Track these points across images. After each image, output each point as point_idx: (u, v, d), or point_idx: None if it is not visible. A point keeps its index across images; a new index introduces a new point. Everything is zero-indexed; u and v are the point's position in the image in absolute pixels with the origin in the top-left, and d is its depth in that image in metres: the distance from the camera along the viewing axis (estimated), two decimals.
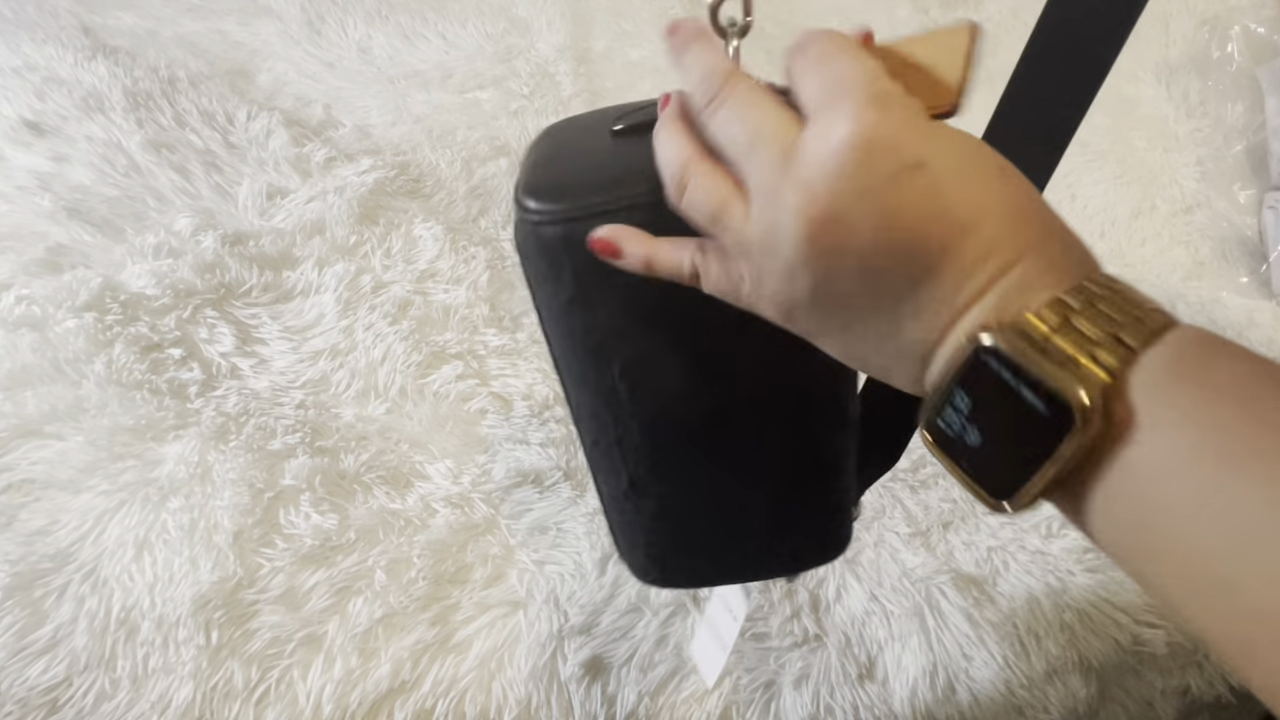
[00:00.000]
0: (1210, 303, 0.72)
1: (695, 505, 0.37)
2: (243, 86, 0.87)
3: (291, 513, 0.57)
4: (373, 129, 0.84)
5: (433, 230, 0.73)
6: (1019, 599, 0.55)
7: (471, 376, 0.65)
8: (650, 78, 0.90)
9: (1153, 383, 0.21)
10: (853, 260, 0.24)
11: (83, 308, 0.64)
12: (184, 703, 0.50)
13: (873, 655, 0.53)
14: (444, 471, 0.60)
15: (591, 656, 0.52)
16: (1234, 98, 0.86)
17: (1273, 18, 0.88)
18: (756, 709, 0.51)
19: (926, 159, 0.24)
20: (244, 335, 0.66)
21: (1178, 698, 0.53)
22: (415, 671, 0.52)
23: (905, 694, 0.51)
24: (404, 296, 0.69)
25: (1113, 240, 0.78)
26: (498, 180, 0.80)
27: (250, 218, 0.73)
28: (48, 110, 0.79)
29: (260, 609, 0.53)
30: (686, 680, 0.52)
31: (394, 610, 0.53)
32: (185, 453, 0.58)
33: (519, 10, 0.98)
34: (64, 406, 0.60)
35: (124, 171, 0.75)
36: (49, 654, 0.51)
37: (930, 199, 0.24)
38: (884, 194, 0.23)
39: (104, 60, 0.84)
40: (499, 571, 0.56)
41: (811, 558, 0.41)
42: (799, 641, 0.53)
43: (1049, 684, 0.51)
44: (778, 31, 0.95)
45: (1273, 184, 0.79)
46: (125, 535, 0.55)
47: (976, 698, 0.51)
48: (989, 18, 0.97)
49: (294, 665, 0.51)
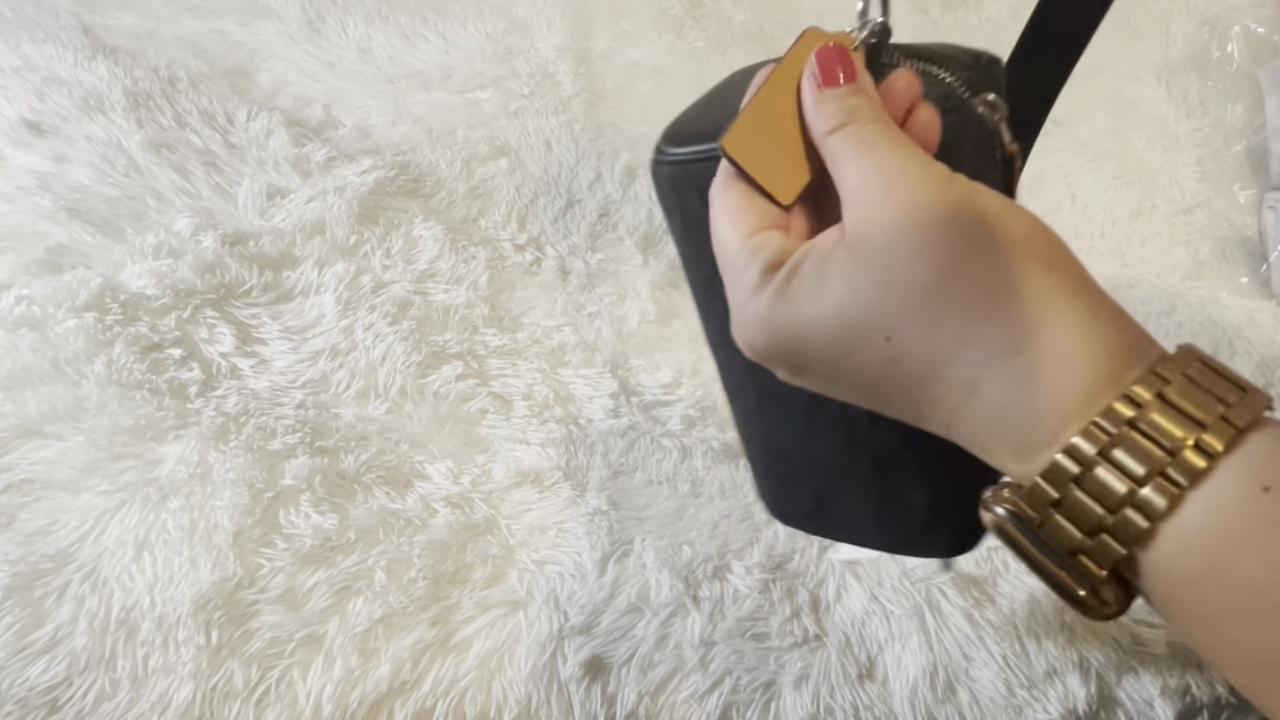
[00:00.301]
0: (1210, 303, 0.72)
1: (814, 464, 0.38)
2: (243, 86, 0.87)
3: (291, 513, 0.57)
4: (373, 129, 0.84)
5: (433, 230, 0.73)
6: (1019, 599, 0.55)
7: (471, 376, 0.65)
8: (650, 78, 0.90)
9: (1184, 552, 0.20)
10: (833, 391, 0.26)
11: (83, 308, 0.64)
12: (184, 703, 0.50)
13: (873, 655, 0.53)
14: (444, 471, 0.60)
15: (591, 656, 0.52)
16: (1234, 98, 0.86)
17: (1273, 18, 0.88)
18: (756, 709, 0.51)
19: (805, 363, 0.25)
20: (244, 335, 0.66)
21: (1178, 698, 0.52)
22: (415, 671, 0.52)
23: (905, 694, 0.51)
24: (404, 296, 0.69)
25: (1113, 240, 0.78)
26: (498, 180, 0.80)
27: (250, 218, 0.73)
28: (48, 110, 0.79)
29: (260, 609, 0.53)
30: (686, 680, 0.52)
31: (394, 610, 0.53)
32: (185, 453, 0.58)
33: (519, 10, 0.98)
34: (64, 406, 0.60)
35: (124, 171, 0.75)
36: (49, 654, 0.51)
37: (836, 379, 0.25)
38: (803, 378, 0.25)
39: (104, 60, 0.84)
40: (499, 571, 0.56)
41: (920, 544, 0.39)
42: (799, 641, 0.53)
43: (1049, 684, 0.51)
44: (778, 31, 0.95)
45: (1273, 184, 0.79)
46: (125, 535, 0.55)
47: (976, 698, 0.51)
48: (989, 18, 0.97)
49: (294, 665, 0.51)
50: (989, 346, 0.22)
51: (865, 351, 0.23)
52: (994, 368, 0.22)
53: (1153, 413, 0.20)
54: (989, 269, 0.22)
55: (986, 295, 0.22)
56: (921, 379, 0.23)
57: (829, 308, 0.23)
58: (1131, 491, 0.20)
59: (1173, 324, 0.69)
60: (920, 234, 0.22)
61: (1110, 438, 0.20)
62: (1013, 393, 0.22)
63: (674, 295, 0.73)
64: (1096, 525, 0.20)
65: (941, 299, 0.22)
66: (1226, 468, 0.19)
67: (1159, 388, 0.20)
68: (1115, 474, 0.20)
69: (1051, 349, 0.21)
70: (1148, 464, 0.20)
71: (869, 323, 0.23)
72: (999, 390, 0.22)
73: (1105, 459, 0.20)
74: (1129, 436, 0.20)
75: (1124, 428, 0.20)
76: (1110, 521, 0.20)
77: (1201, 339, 0.69)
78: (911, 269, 0.22)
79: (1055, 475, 0.21)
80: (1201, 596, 0.20)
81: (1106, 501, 0.20)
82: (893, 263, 0.22)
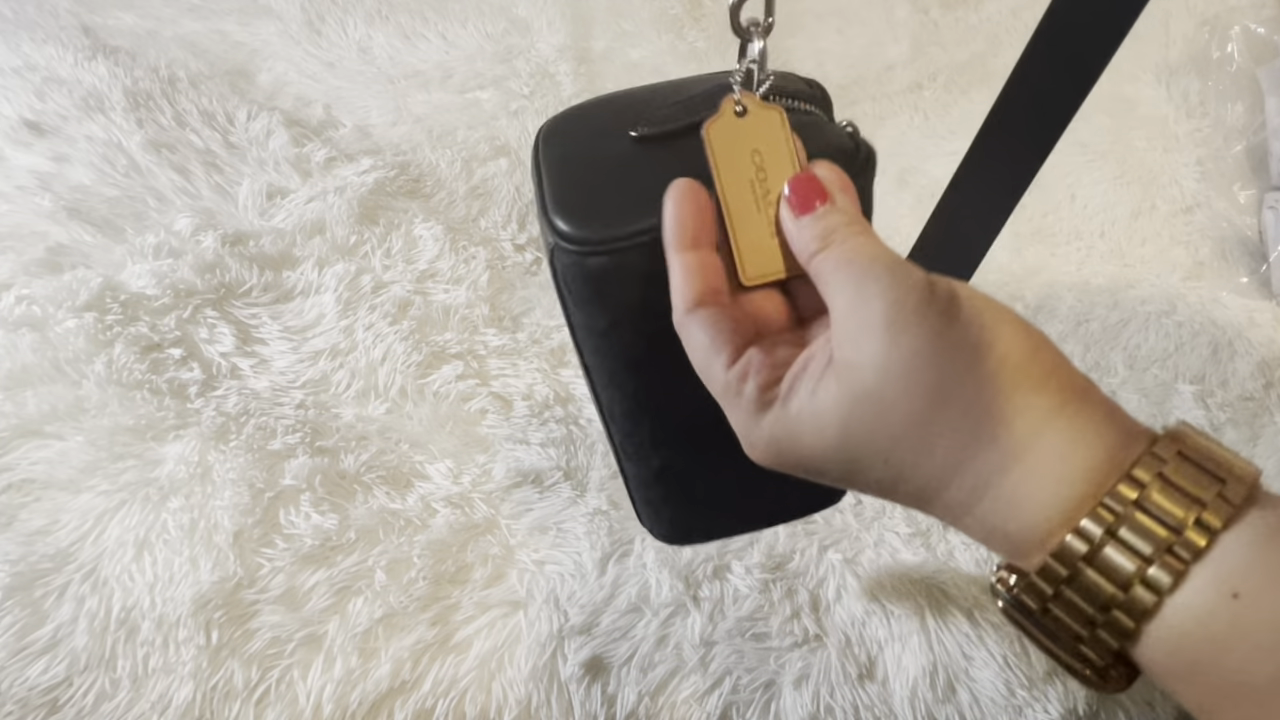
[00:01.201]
0: (1210, 303, 0.72)
1: (719, 475, 0.39)
2: (243, 86, 0.87)
3: (291, 513, 0.57)
4: (373, 129, 0.84)
5: (433, 230, 0.73)
6: None
7: (471, 376, 0.65)
8: (650, 78, 0.90)
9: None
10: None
11: (83, 308, 0.64)
12: (184, 703, 0.50)
13: (873, 655, 0.53)
14: (444, 471, 0.60)
15: (591, 656, 0.52)
16: (1234, 98, 0.86)
17: (1273, 18, 0.88)
18: (756, 709, 0.51)
19: (818, 473, 0.26)
20: (244, 335, 0.66)
21: None
22: (415, 671, 0.52)
23: (905, 694, 0.51)
24: (404, 296, 0.69)
25: (1113, 240, 0.78)
26: (498, 180, 0.80)
27: (250, 218, 0.73)
28: (48, 110, 0.79)
29: (260, 609, 0.53)
30: (686, 680, 0.52)
31: (394, 610, 0.53)
32: (185, 453, 0.58)
33: (519, 10, 0.98)
34: (64, 406, 0.60)
35: (124, 171, 0.75)
36: (49, 654, 0.51)
37: (849, 484, 0.26)
38: (816, 475, 0.26)
39: (104, 60, 0.84)
40: (499, 571, 0.56)
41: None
42: (799, 641, 0.53)
43: (1049, 684, 0.51)
44: (778, 31, 0.95)
45: (1273, 184, 0.79)
46: (125, 535, 0.55)
47: (976, 698, 0.51)
48: (989, 18, 0.97)
49: (294, 665, 0.51)
50: (979, 472, 0.23)
51: (869, 472, 0.25)
52: (984, 491, 0.23)
53: (1154, 493, 0.21)
54: (976, 396, 0.23)
55: (974, 421, 0.23)
56: (920, 497, 0.25)
57: (830, 438, 0.25)
58: (1140, 569, 0.21)
59: (1173, 324, 0.69)
60: (906, 363, 0.23)
61: (1116, 518, 0.21)
62: (1003, 510, 0.23)
63: None
64: (1107, 602, 0.21)
65: (931, 427, 0.23)
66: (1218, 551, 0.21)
67: (1158, 468, 0.22)
68: (1124, 553, 0.21)
69: (1038, 469, 0.23)
70: (1153, 543, 0.21)
71: (867, 449, 0.24)
72: (990, 509, 0.24)
73: (1113, 538, 0.21)
74: (1134, 517, 0.21)
75: (1129, 508, 0.21)
76: (1121, 599, 0.21)
77: (1201, 339, 0.69)
78: (901, 399, 0.23)
79: (1047, 572, 0.22)
80: (1190, 689, 0.21)
81: (1116, 579, 0.21)
82: (883, 394, 0.24)
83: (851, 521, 0.58)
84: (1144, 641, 0.21)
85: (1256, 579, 0.20)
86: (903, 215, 0.77)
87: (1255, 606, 0.19)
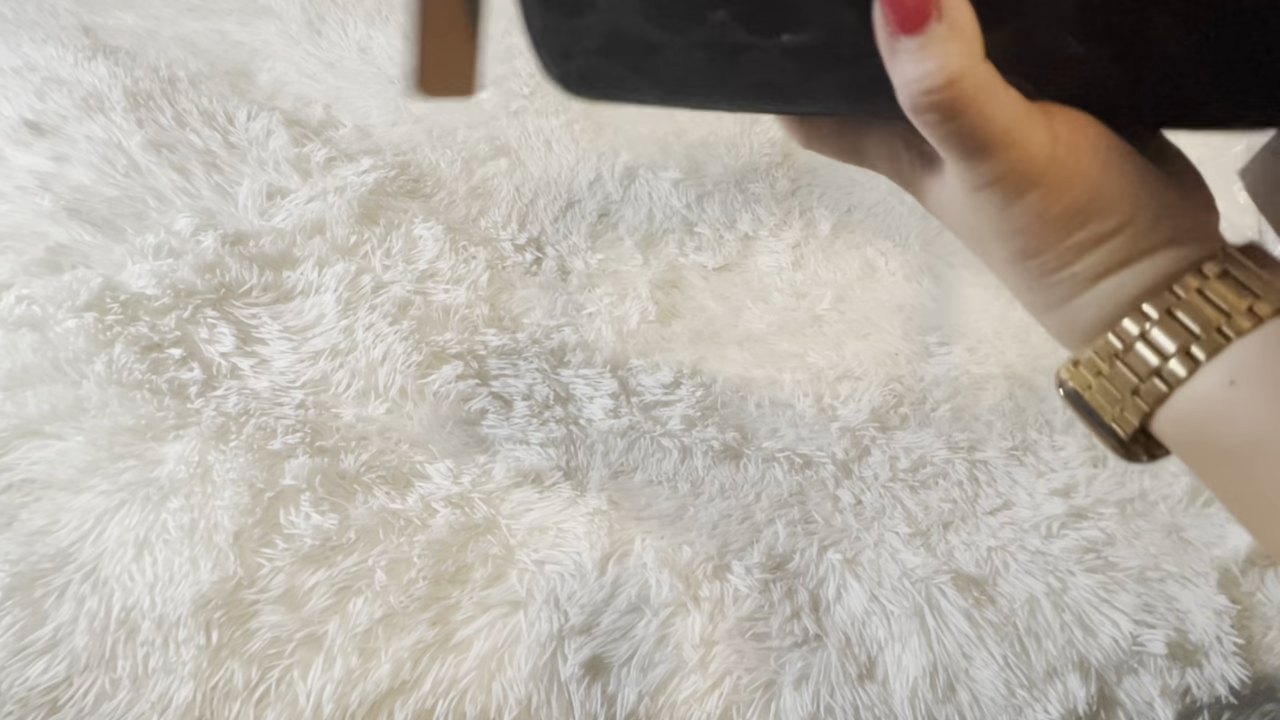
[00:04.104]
0: None
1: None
2: (243, 86, 0.87)
3: (291, 513, 0.57)
4: (373, 129, 0.84)
5: (433, 230, 0.73)
6: (1019, 599, 0.55)
7: (471, 376, 0.66)
8: None
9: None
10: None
11: (83, 308, 0.64)
12: (184, 703, 0.50)
13: (873, 655, 0.53)
14: (444, 471, 0.60)
15: (591, 656, 0.52)
16: None
17: None
18: (756, 709, 0.51)
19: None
20: (244, 335, 0.66)
21: (1178, 698, 0.53)
22: (415, 671, 0.52)
23: (905, 694, 0.51)
24: (404, 296, 0.69)
25: None
26: (498, 180, 0.80)
27: (250, 218, 0.73)
28: (48, 110, 0.79)
29: (260, 609, 0.53)
30: (686, 680, 0.52)
31: (394, 610, 0.53)
32: (185, 453, 0.58)
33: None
34: (64, 406, 0.60)
35: (124, 171, 0.75)
36: (49, 654, 0.51)
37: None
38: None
39: (104, 60, 0.84)
40: (499, 571, 0.56)
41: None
42: (799, 641, 0.53)
43: (1049, 684, 0.52)
44: None
45: None
46: (125, 535, 0.55)
47: (976, 698, 0.51)
48: None
49: (294, 665, 0.51)
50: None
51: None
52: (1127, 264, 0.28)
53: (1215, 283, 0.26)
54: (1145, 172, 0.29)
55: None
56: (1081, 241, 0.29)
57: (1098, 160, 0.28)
58: (1161, 365, 0.26)
59: None
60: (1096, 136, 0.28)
61: (1175, 302, 0.26)
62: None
63: (674, 295, 0.73)
64: (1134, 388, 0.26)
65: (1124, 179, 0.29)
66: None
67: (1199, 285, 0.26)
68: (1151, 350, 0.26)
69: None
70: (1201, 322, 0.25)
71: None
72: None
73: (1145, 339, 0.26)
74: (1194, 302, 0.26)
75: (1192, 294, 0.26)
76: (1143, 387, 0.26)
77: None
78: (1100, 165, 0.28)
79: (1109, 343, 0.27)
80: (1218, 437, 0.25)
81: (1140, 371, 0.26)
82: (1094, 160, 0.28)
83: (851, 521, 0.58)
84: (1157, 418, 0.26)
85: (1252, 371, 0.24)
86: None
87: (1243, 389, 0.24)
